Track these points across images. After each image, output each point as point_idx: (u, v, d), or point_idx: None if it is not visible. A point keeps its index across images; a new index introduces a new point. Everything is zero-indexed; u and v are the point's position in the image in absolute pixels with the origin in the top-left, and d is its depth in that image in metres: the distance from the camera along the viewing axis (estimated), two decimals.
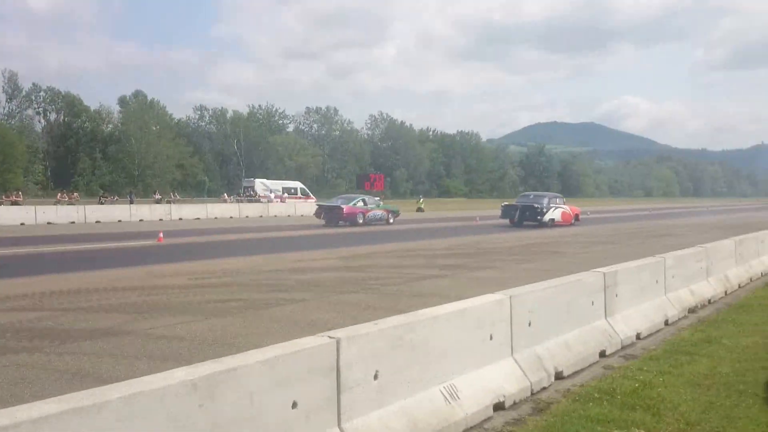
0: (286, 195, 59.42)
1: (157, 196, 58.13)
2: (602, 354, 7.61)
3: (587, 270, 8.80)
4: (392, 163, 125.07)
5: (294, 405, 4.02)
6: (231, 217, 44.73)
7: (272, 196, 57.83)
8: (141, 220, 40.12)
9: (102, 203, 48.15)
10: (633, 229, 34.64)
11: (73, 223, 37.13)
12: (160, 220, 40.74)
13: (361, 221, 35.79)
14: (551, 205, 35.66)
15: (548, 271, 14.88)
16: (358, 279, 14.27)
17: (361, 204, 36.77)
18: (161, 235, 25.08)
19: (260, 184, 61.57)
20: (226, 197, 61.37)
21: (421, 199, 68.53)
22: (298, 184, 64.33)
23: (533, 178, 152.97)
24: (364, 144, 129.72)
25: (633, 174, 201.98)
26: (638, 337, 8.53)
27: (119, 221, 39.14)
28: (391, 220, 38.46)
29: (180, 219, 41.94)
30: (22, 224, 34.86)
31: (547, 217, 34.65)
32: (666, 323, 9.46)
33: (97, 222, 38.04)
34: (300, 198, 59.64)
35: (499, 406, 5.74)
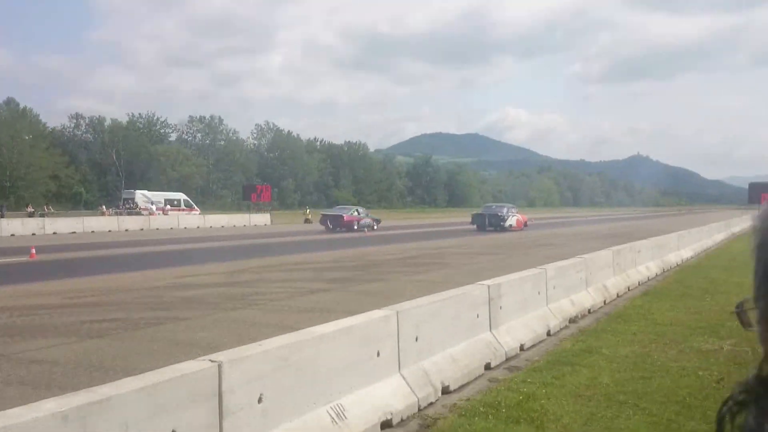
0: (168, 207, 57.55)
1: (30, 209, 54.83)
2: (487, 366, 7.70)
3: (473, 282, 8.92)
4: (279, 174, 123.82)
5: None
6: (110, 231, 42.78)
7: (154, 208, 55.86)
8: (12, 235, 37.73)
9: None
10: (517, 239, 35.72)
11: None
12: (33, 234, 38.46)
13: (355, 227, 41.86)
14: (509, 213, 43.77)
15: (436, 283, 15.03)
16: (244, 294, 13.92)
17: (356, 213, 43.75)
18: (33, 251, 23.60)
19: (141, 196, 59.24)
20: (105, 210, 58.74)
21: (309, 210, 68.08)
22: (181, 196, 62.46)
23: (420, 188, 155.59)
24: (250, 154, 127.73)
25: (516, 184, 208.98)
26: (522, 348, 8.69)
27: None
28: (375, 227, 43.99)
29: (54, 233, 39.73)
30: None
31: (507, 223, 42.71)
32: (548, 334, 9.71)
33: None
34: (183, 210, 57.93)
35: (386, 424, 5.66)
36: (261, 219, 58.46)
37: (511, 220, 43.47)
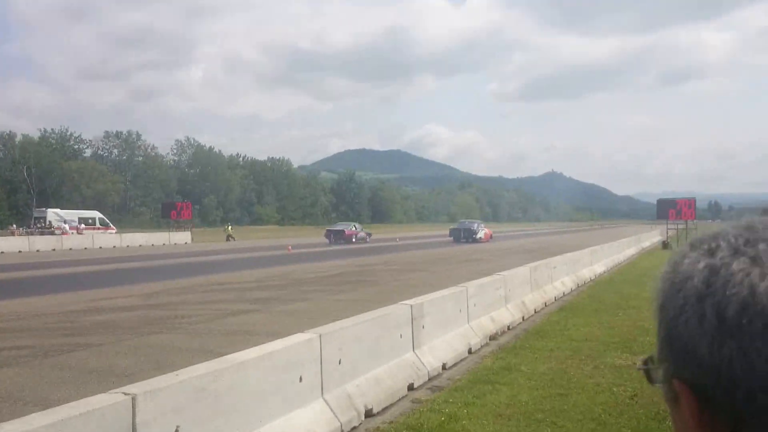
0: (83, 226, 55.58)
1: None
2: (411, 387, 7.72)
3: (398, 300, 8.96)
4: (201, 191, 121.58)
5: None
6: (20, 252, 41.00)
7: (67, 227, 53.82)
8: None
9: None
10: (440, 255, 36.14)
11: None
12: None
13: (354, 240, 50.90)
14: (479, 228, 54.86)
15: (360, 302, 15.04)
16: (163, 317, 13.57)
17: (354, 228, 53.24)
18: None
19: (53, 215, 56.95)
20: (15, 229, 56.33)
21: (230, 227, 66.94)
22: (96, 214, 60.43)
23: (344, 204, 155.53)
24: (170, 170, 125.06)
25: (438, 200, 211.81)
26: (444, 367, 8.77)
27: None
28: (368, 239, 53.03)
29: None
30: None
31: (477, 236, 52.95)
32: (470, 351, 9.82)
33: None
34: (99, 229, 56.09)
35: None
36: (181, 237, 57.28)
37: (481, 234, 53.62)
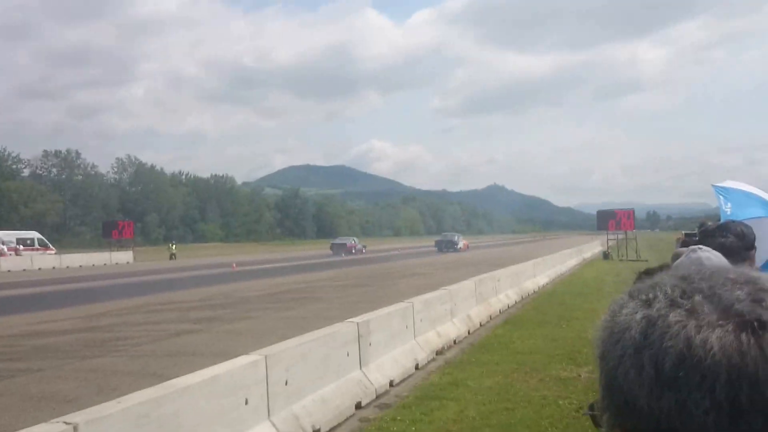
0: (21, 247, 53.94)
1: None
2: (358, 406, 7.71)
3: (343, 316, 8.96)
4: (143, 209, 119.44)
5: None
6: None
7: (5, 248, 52.14)
8: None
9: None
10: (385, 269, 36.21)
11: None
12: None
13: (353, 252, 60.71)
14: (458, 240, 68.06)
15: (306, 319, 14.97)
16: (105, 340, 13.26)
17: (353, 242, 64.57)
18: None
19: None
20: None
21: (174, 245, 65.86)
22: (34, 234, 58.69)
23: (289, 220, 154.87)
24: (110, 189, 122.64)
25: (382, 214, 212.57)
26: (391, 384, 8.79)
27: None
28: (364, 251, 62.39)
29: None
30: None
31: (458, 246, 64.97)
32: (417, 367, 9.87)
33: None
34: (38, 249, 54.51)
35: None
36: (123, 257, 56.18)
37: (460, 244, 66.48)
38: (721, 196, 4.69)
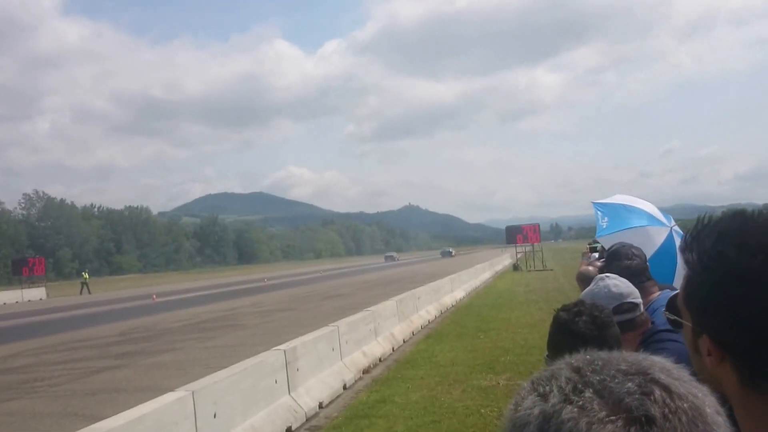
0: None
1: None
2: (289, 430, 7.84)
3: (268, 342, 9.06)
4: (54, 244, 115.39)
5: None
6: None
7: None
8: None
9: None
10: (308, 292, 36.13)
11: None
12: None
13: (396, 260, 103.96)
14: (396, 256, 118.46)
15: (231, 348, 14.91)
16: (21, 381, 12.85)
17: (395, 254, 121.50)
18: None
19: None
20: None
21: (86, 274, 63.17)
22: None
23: (209, 248, 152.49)
24: (18, 225, 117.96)
25: (302, 238, 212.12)
26: (321, 406, 8.94)
27: None
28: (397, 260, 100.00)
29: None
30: None
31: (453, 255, 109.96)
32: (345, 387, 10.05)
33: None
34: None
35: None
36: (36, 293, 54.28)
37: (453, 253, 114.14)
38: (599, 212, 5.02)
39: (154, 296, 41.46)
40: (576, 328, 2.06)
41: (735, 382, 1.03)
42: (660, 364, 0.73)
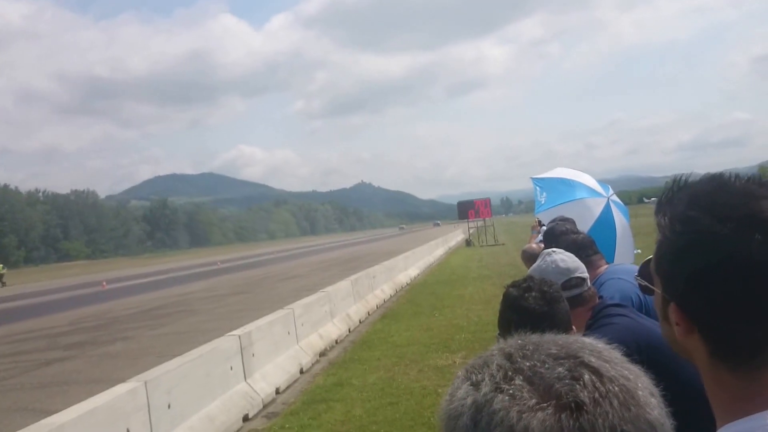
0: None
1: None
2: (246, 418, 7.73)
3: (222, 327, 8.92)
4: None
5: None
6: None
7: None
8: None
9: None
10: (262, 274, 35.87)
11: None
12: None
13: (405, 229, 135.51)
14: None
15: (183, 334, 14.70)
16: None
17: (404, 226, 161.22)
18: None
19: None
20: None
21: (2, 267, 60.82)
22: None
23: (160, 231, 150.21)
24: None
25: (255, 219, 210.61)
26: (278, 391, 8.85)
27: None
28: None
29: None
30: None
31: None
32: (301, 371, 9.97)
33: None
34: None
35: None
36: None
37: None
38: (537, 188, 5.04)
39: (104, 283, 40.65)
40: (526, 304, 2.02)
41: (704, 354, 1.01)
42: (590, 347, 0.72)
